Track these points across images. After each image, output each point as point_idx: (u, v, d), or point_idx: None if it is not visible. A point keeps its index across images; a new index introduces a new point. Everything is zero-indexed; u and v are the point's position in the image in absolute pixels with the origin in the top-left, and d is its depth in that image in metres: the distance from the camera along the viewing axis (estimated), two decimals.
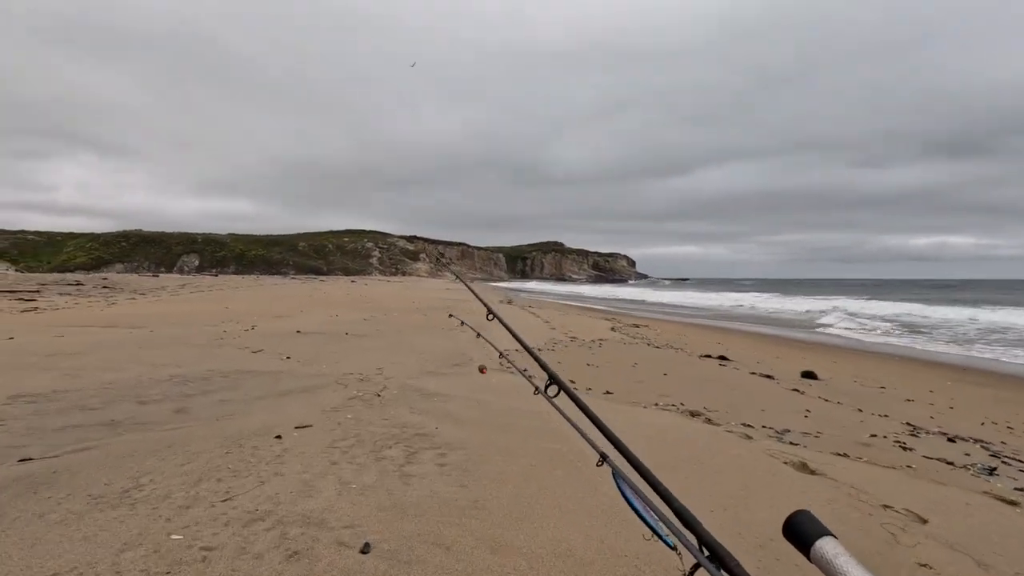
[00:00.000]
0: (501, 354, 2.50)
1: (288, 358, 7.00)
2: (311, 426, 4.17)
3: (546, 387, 1.51)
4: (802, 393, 7.82)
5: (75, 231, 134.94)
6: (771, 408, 6.55)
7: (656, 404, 6.28)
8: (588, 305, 33.35)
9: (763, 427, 5.64)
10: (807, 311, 29.56)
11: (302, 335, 9.37)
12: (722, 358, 11.34)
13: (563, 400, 1.43)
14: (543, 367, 1.58)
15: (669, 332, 17.50)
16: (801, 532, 0.70)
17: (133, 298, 16.94)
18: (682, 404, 6.41)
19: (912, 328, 21.47)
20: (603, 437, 1.17)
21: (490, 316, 2.30)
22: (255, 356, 7.03)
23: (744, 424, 5.70)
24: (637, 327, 18.56)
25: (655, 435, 4.70)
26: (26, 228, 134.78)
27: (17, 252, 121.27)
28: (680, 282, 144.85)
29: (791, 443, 5.05)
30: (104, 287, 19.83)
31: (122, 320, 10.82)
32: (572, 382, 7.42)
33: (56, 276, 32.31)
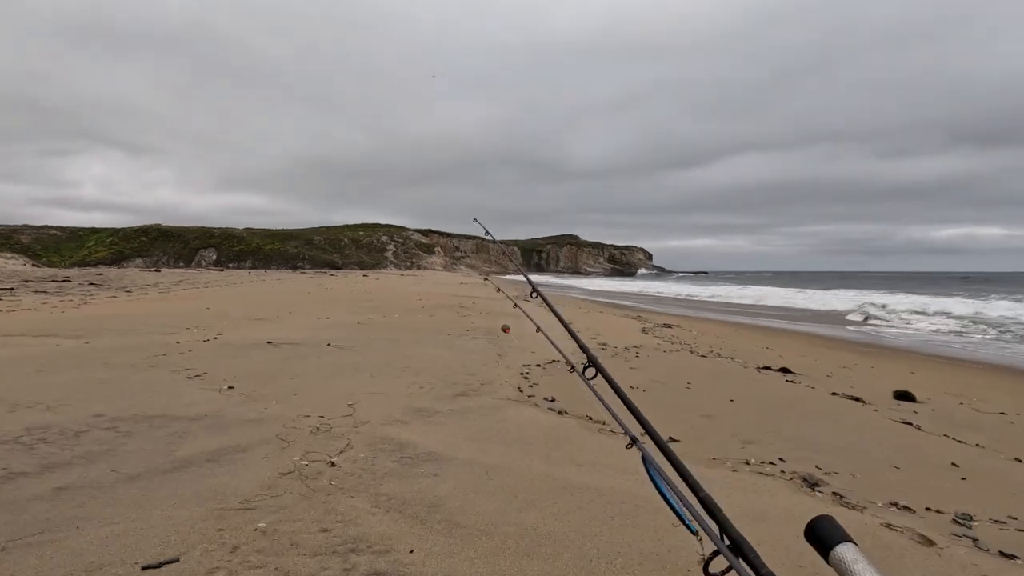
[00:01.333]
0: (538, 328, 2.38)
1: (231, 388, 5.09)
2: (176, 561, 2.24)
3: (584, 369, 1.56)
4: (917, 428, 5.74)
5: (97, 227, 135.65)
6: (901, 461, 4.50)
7: (747, 463, 4.27)
8: (610, 301, 31.25)
9: (928, 510, 3.59)
10: (845, 306, 27.16)
11: (272, 347, 7.48)
12: (785, 371, 9.29)
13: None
14: (583, 348, 1.64)
15: (707, 334, 15.39)
16: (822, 536, 0.70)
17: (115, 296, 15.32)
18: (781, 460, 4.38)
19: (972, 325, 19.09)
20: (635, 422, 1.23)
21: (533, 294, 2.51)
22: (188, 384, 5.15)
23: (892, 504, 3.66)
24: (669, 327, 16.52)
25: (772, 537, 2.60)
26: (49, 223, 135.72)
27: (40, 247, 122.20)
28: (699, 275, 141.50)
29: (1003, 554, 3.00)
30: (91, 284, 18.33)
31: (71, 326, 9.04)
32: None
33: (53, 272, 31.05)
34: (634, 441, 1.16)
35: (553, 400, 5.69)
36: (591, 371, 1.47)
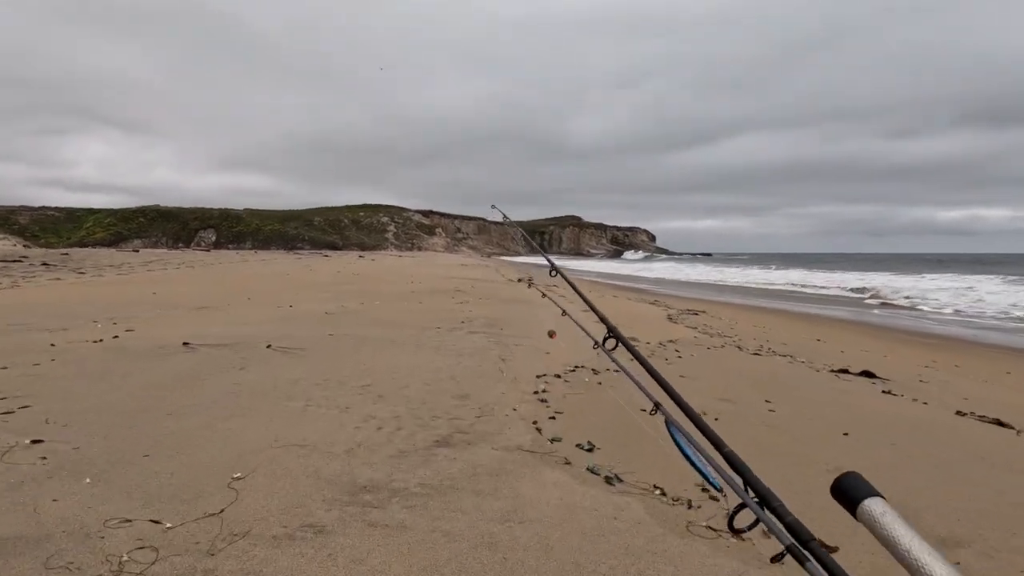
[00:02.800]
0: (564, 312, 2.37)
1: (25, 444, 2.95)
2: None
3: (604, 341, 1.56)
4: None
5: (95, 207, 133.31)
6: None
7: None
8: (621, 284, 29.00)
9: None
10: (862, 287, 24.88)
11: (182, 352, 5.30)
12: (868, 375, 7.15)
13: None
14: (602, 319, 1.66)
15: (741, 321, 13.18)
16: (849, 491, 0.69)
17: (59, 279, 13.19)
18: None
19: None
20: (659, 388, 1.19)
21: (553, 272, 2.62)
22: None
23: None
24: (695, 314, 14.34)
25: None
26: (47, 204, 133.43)
27: (38, 228, 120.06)
28: (703, 257, 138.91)
29: None
30: (44, 264, 16.21)
31: None
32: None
33: (19, 251, 28.90)
34: (657, 406, 1.15)
35: (592, 448, 3.51)
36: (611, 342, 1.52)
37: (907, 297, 22.29)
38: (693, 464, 0.95)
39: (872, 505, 0.66)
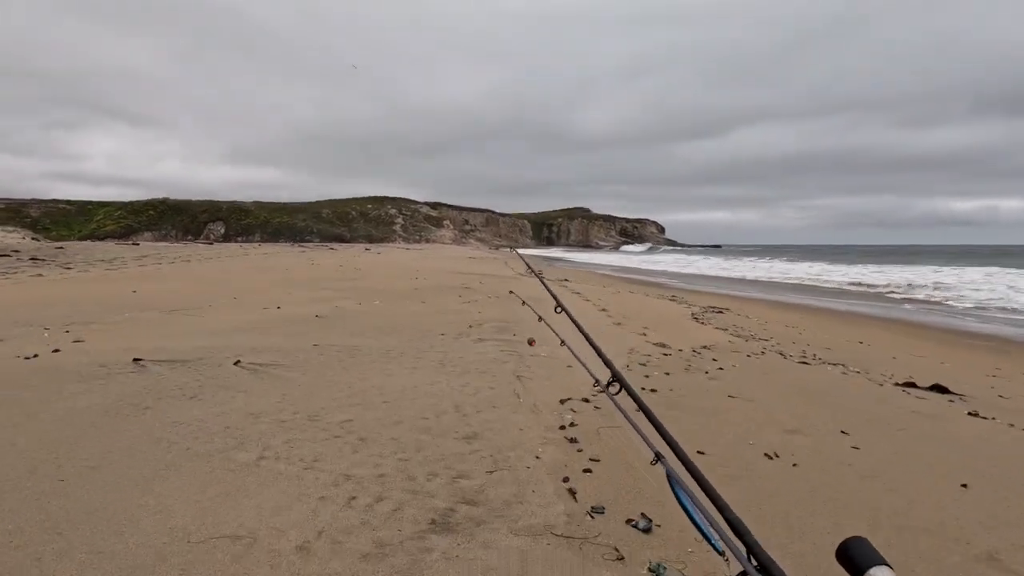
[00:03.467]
0: (563, 342, 2.41)
1: None
2: None
3: (607, 385, 1.51)
4: None
5: (105, 200, 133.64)
6: None
7: None
8: (635, 278, 27.88)
9: None
10: (893, 282, 23.58)
11: (130, 372, 4.33)
12: (940, 389, 6.12)
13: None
14: (607, 364, 1.60)
15: (772, 321, 12.11)
16: (855, 558, 0.66)
17: (41, 274, 12.32)
18: None
19: None
20: (660, 439, 1.16)
21: (557, 309, 2.50)
22: None
23: None
24: (720, 312, 13.29)
25: None
26: (58, 197, 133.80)
27: (49, 221, 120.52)
28: (713, 249, 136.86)
29: None
30: (33, 259, 15.37)
31: None
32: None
33: (15, 244, 28.19)
34: (659, 458, 1.09)
35: (649, 526, 2.50)
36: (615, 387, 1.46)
37: (937, 291, 21.08)
38: (694, 522, 0.91)
39: (878, 574, 0.64)
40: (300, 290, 10.75)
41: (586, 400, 4.48)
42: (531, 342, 4.92)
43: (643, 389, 5.10)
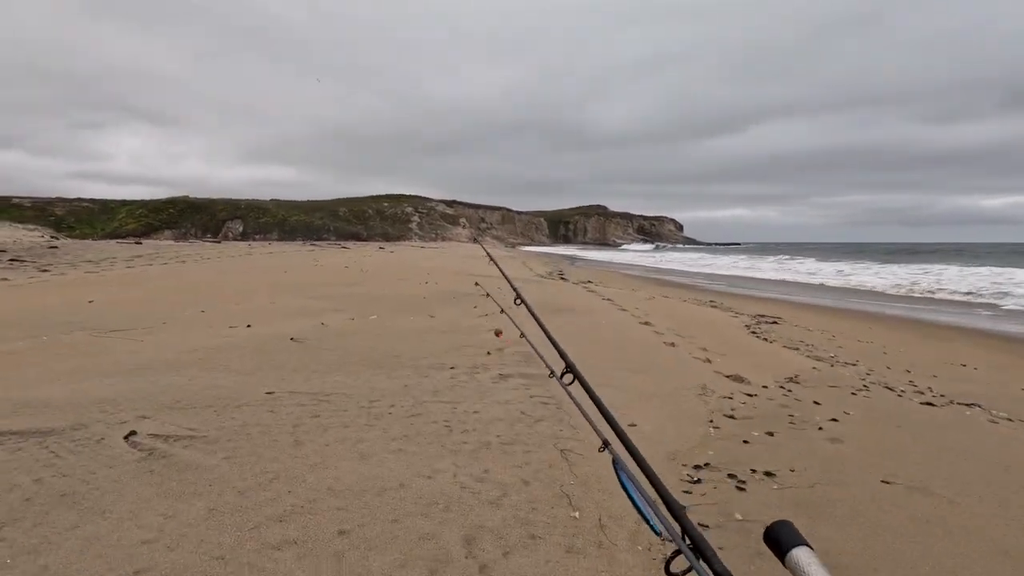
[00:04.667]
0: (522, 334, 2.57)
1: None
2: None
3: (562, 374, 1.56)
4: None
5: (128, 199, 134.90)
6: None
7: None
8: (659, 278, 25.90)
9: None
10: (960, 287, 21.21)
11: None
12: None
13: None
14: (561, 355, 1.63)
15: (839, 336, 10.18)
16: (779, 540, 0.70)
17: (6, 279, 10.89)
18: None
19: None
20: (608, 427, 1.20)
21: (517, 302, 2.64)
22: None
23: None
24: (775, 323, 11.44)
25: None
26: (82, 196, 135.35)
27: (73, 219, 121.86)
28: (730, 247, 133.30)
29: None
30: (12, 260, 14.01)
31: None
32: None
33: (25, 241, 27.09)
34: (606, 445, 1.15)
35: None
36: (568, 376, 1.50)
37: None
38: (636, 505, 0.95)
39: (799, 554, 0.68)
40: (288, 297, 9.11)
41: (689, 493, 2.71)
42: (498, 333, 4.36)
43: (757, 474, 3.31)
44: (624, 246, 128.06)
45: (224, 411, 3.46)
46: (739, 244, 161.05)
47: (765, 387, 5.50)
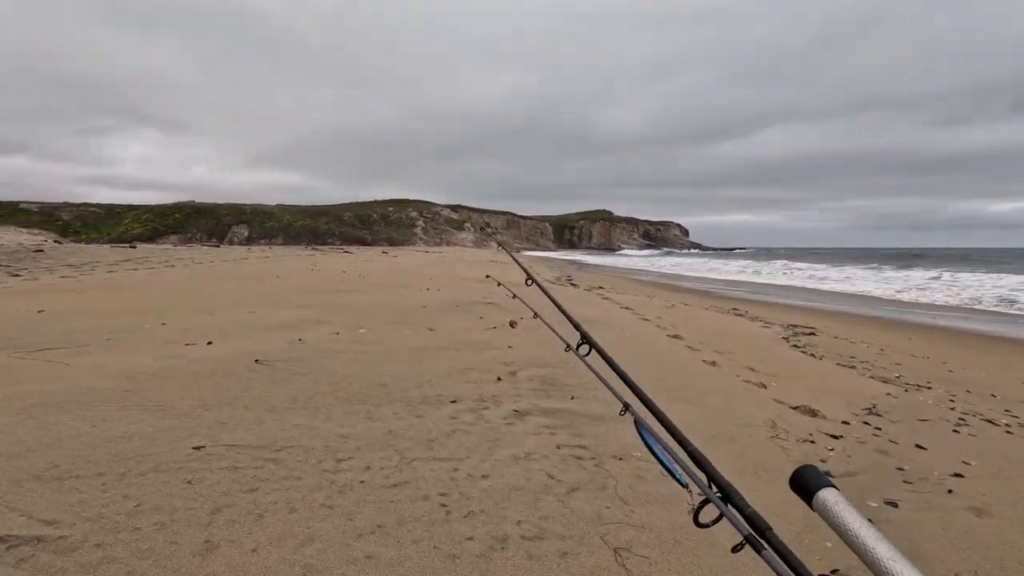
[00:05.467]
0: (536, 314, 2.54)
1: None
2: None
3: (578, 346, 1.56)
4: None
5: (135, 203, 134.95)
6: None
7: None
8: (671, 283, 24.71)
9: None
10: (996, 294, 19.92)
11: None
12: None
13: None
14: (576, 327, 1.63)
15: (888, 349, 9.01)
16: (805, 483, 0.70)
17: None
18: None
19: None
20: (628, 390, 1.22)
21: (529, 282, 2.64)
22: None
23: None
24: (812, 334, 10.33)
25: None
26: (89, 201, 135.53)
27: (80, 224, 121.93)
28: (735, 252, 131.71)
29: None
30: None
31: None
32: None
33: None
34: (627, 407, 1.17)
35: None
36: (584, 348, 1.51)
37: None
38: (660, 461, 0.94)
39: (826, 495, 0.67)
40: (272, 306, 8.02)
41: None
42: (513, 324, 4.24)
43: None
44: (623, 251, 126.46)
45: (118, 483, 2.35)
46: (745, 248, 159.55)
47: (846, 423, 4.37)
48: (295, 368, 4.48)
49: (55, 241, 67.71)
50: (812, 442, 3.82)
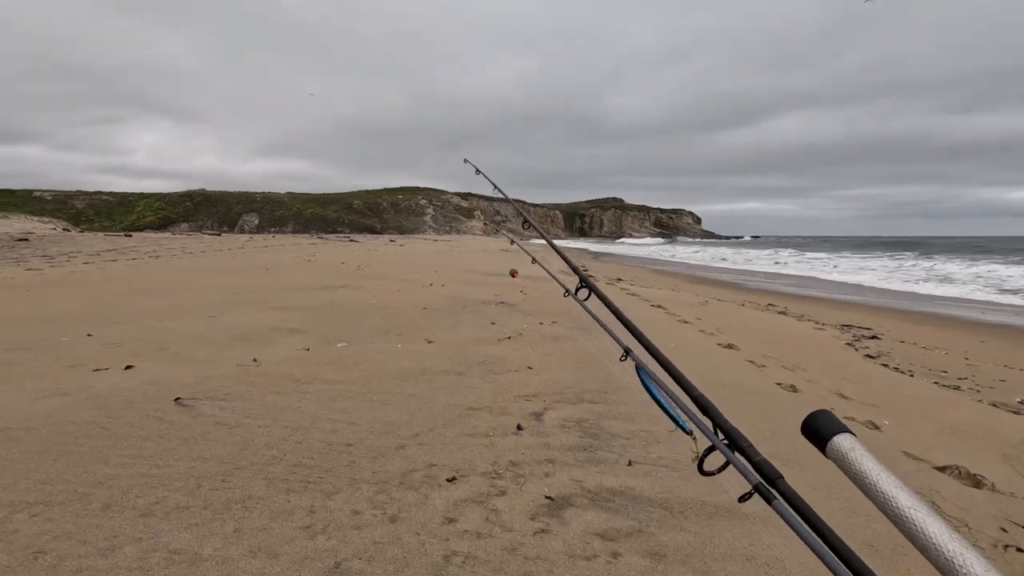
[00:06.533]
0: (534, 259, 2.51)
1: None
2: None
3: (576, 290, 1.54)
4: None
5: (147, 192, 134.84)
6: None
7: None
8: (694, 275, 23.11)
9: None
10: None
11: None
12: None
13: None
14: (575, 271, 1.61)
15: (975, 358, 7.49)
16: (819, 429, 0.67)
17: None
18: None
19: None
20: (629, 335, 1.17)
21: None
22: None
23: None
24: (875, 337, 8.89)
25: None
26: (102, 189, 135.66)
27: (93, 212, 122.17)
28: (749, 241, 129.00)
29: None
30: None
31: None
32: None
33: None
34: (628, 352, 1.12)
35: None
36: (583, 292, 1.48)
37: None
38: (663, 408, 0.92)
39: (841, 441, 0.64)
40: (240, 309, 6.64)
41: None
42: (513, 274, 4.15)
43: None
44: (624, 240, 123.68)
45: None
46: (759, 237, 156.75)
47: (1013, 495, 2.92)
48: (226, 415, 3.09)
49: (64, 229, 67.14)
50: (1016, 548, 2.37)
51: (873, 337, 8.83)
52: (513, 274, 4.00)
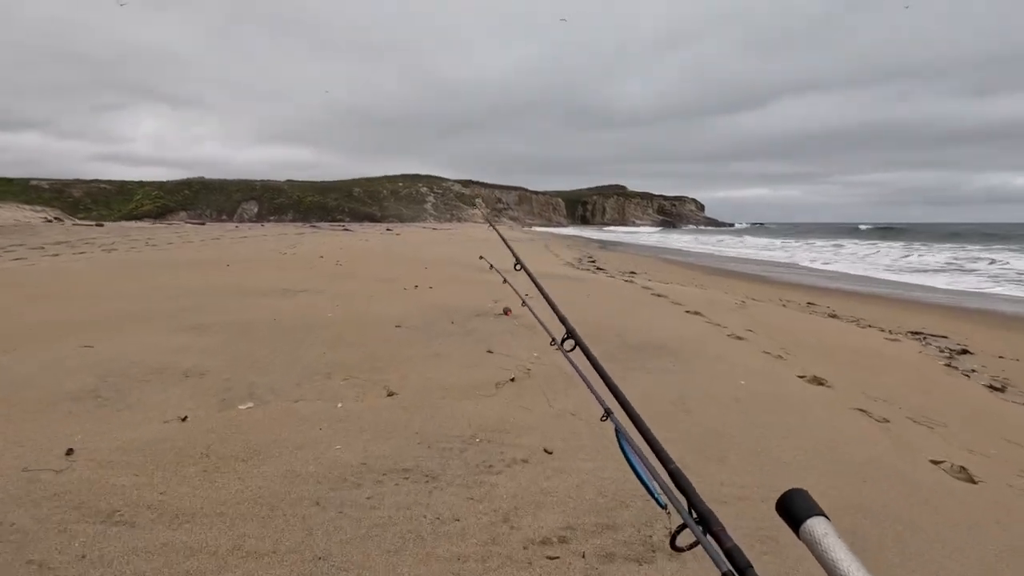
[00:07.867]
0: (523, 301, 2.22)
1: None
2: None
3: (563, 341, 1.48)
4: None
5: (145, 180, 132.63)
6: None
7: None
8: (710, 265, 21.19)
9: None
10: None
11: None
12: None
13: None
14: (562, 321, 1.55)
15: None
16: (793, 509, 0.64)
17: None
18: None
19: None
20: (611, 395, 1.11)
21: (518, 266, 2.24)
22: None
23: None
24: (968, 352, 7.04)
25: None
26: (100, 178, 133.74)
27: (91, 201, 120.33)
28: (752, 228, 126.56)
29: None
30: None
31: None
32: None
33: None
34: (608, 413, 1.08)
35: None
36: (569, 343, 1.41)
37: None
38: (639, 477, 0.89)
39: (815, 525, 0.62)
40: (130, 332, 4.79)
41: None
42: (507, 311, 3.82)
43: None
44: (611, 228, 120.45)
45: None
46: (763, 224, 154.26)
47: None
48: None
49: (55, 218, 65.18)
50: None
51: (964, 351, 7.01)
52: (506, 312, 4.08)
